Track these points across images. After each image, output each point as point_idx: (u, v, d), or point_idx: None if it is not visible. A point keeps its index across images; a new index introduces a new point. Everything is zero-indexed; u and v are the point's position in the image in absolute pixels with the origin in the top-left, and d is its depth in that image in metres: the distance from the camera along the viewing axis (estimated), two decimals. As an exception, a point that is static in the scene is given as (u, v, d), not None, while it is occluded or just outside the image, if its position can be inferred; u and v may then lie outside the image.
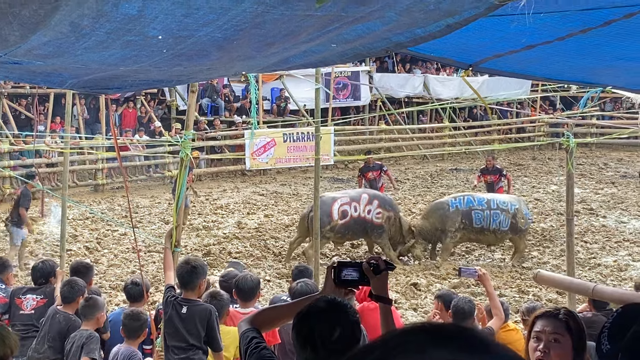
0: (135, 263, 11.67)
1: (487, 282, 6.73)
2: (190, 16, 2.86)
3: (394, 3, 2.99)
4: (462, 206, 15.32)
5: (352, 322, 3.05)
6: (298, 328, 3.07)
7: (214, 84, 27.80)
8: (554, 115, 33.00)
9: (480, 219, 15.15)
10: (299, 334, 3.06)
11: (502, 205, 15.27)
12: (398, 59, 34.19)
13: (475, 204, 15.31)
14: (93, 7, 2.64)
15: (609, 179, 26.34)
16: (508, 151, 32.25)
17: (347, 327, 3.01)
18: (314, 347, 2.99)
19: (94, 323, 6.91)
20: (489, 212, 15.18)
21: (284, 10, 2.88)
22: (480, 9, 3.15)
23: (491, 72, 5.49)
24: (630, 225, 18.82)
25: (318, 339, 2.98)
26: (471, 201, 15.39)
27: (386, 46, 3.87)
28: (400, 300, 12.61)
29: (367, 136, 31.26)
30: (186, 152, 6.71)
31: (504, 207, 15.24)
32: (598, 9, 3.61)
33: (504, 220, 15.17)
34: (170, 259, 6.55)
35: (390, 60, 34.33)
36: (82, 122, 25.15)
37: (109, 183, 23.76)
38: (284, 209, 20.78)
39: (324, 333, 2.98)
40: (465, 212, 15.23)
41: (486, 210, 15.20)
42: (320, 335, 2.98)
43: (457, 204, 15.39)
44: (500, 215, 15.17)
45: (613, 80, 5.79)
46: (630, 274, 14.26)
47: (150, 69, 3.86)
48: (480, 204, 15.30)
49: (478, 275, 6.53)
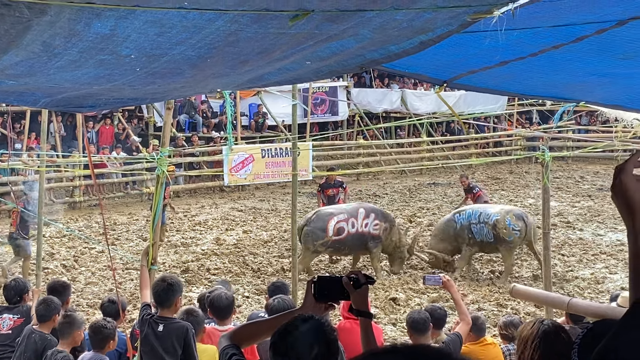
0: (114, 281, 11.62)
1: (452, 289, 6.77)
2: (164, 35, 2.86)
3: (367, 21, 3.00)
4: (464, 221, 15.64)
5: (330, 341, 3.04)
6: (275, 346, 3.05)
7: (191, 100, 27.75)
8: (531, 129, 33.16)
9: (477, 233, 15.42)
10: (276, 353, 3.03)
11: (485, 218, 15.42)
12: (375, 74, 34.30)
13: (472, 217, 15.65)
14: (65, 26, 2.63)
15: (586, 192, 26.50)
16: (485, 165, 32.37)
17: (324, 345, 3.00)
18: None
19: (71, 342, 6.82)
20: (479, 226, 15.37)
21: (258, 28, 2.88)
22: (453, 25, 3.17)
23: (466, 88, 5.52)
24: (606, 237, 18.92)
25: (295, 358, 2.97)
26: (470, 215, 15.72)
27: (360, 63, 3.89)
28: (379, 315, 12.59)
29: (346, 151, 31.27)
30: (162, 169, 6.68)
31: (486, 220, 15.40)
32: (570, 25, 3.64)
33: (488, 233, 15.34)
34: (147, 276, 6.50)
35: (368, 75, 34.43)
36: (59, 140, 25.03)
37: (86, 200, 23.64)
38: (262, 225, 20.73)
39: (301, 351, 2.96)
40: (467, 227, 15.56)
41: (478, 224, 15.42)
42: (297, 353, 2.97)
43: (461, 219, 15.71)
44: (484, 228, 15.35)
45: (586, 96, 5.83)
46: (607, 287, 14.32)
47: (124, 87, 3.84)
48: (475, 217, 15.63)
49: (442, 282, 6.57)
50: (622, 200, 1.92)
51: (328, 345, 3.02)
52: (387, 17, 2.95)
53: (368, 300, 3.42)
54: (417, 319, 6.69)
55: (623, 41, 3.81)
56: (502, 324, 7.83)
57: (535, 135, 33.20)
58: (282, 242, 18.17)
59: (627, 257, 1.96)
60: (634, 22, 3.43)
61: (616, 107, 6.26)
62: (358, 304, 3.35)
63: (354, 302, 3.36)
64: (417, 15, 2.96)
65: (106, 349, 6.60)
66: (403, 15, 2.93)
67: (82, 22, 2.62)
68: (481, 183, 28.79)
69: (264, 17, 2.75)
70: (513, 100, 33.69)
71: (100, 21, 2.62)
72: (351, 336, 7.53)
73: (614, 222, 20.53)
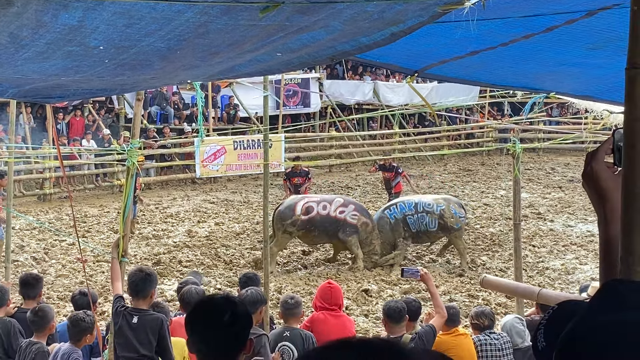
0: (84, 273, 11.56)
1: (429, 282, 6.90)
2: (132, 26, 2.83)
3: (338, 13, 2.99)
4: (398, 215, 15.54)
5: (239, 304, 3.32)
6: (191, 323, 3.26)
7: (163, 92, 27.59)
8: (502, 121, 33.33)
9: (414, 223, 15.41)
10: (194, 329, 3.25)
11: (427, 208, 15.55)
12: (349, 66, 34.31)
13: (407, 209, 15.56)
14: (32, 17, 2.60)
15: (556, 184, 26.70)
16: (457, 157, 32.49)
17: (236, 309, 3.22)
18: (211, 335, 3.19)
19: (46, 333, 6.82)
20: (417, 216, 15.42)
21: (228, 20, 2.87)
22: (424, 17, 3.17)
23: (437, 77, 5.54)
24: (577, 229, 19.09)
25: (211, 327, 3.19)
26: (403, 208, 15.63)
27: (332, 54, 3.88)
28: (351, 307, 12.61)
29: (318, 143, 31.26)
30: (132, 160, 6.64)
31: (428, 209, 15.52)
32: (540, 15, 3.65)
33: (430, 222, 15.48)
34: (118, 269, 6.47)
35: (341, 67, 34.43)
36: (29, 131, 24.80)
37: (57, 192, 23.46)
38: (234, 217, 20.68)
39: (215, 318, 3.19)
40: (402, 220, 15.49)
41: (415, 214, 15.44)
42: (213, 321, 3.19)
43: (394, 214, 15.61)
44: (425, 217, 15.46)
45: (556, 86, 5.86)
46: (577, 277, 14.46)
47: (93, 79, 3.81)
48: (410, 209, 15.57)
49: (420, 275, 6.67)
50: (593, 188, 1.91)
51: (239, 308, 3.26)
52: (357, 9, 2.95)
53: None
54: (393, 308, 6.77)
55: (592, 31, 3.84)
56: (474, 314, 7.89)
57: (506, 127, 33.38)
58: (254, 234, 18.14)
59: (597, 248, 1.97)
60: (603, 13, 3.45)
61: (586, 97, 6.30)
62: None
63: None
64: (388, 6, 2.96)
65: (83, 341, 6.56)
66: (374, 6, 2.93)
67: (50, 14, 2.59)
68: (453, 175, 28.98)
69: (234, 8, 2.73)
70: (484, 91, 33.79)
71: (68, 12, 2.59)
72: (324, 326, 7.57)
73: (585, 213, 20.71)
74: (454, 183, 27.09)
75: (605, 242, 1.88)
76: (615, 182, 1.85)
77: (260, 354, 5.85)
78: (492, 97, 32.10)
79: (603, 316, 1.34)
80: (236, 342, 3.20)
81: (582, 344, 1.33)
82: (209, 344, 3.16)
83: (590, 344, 1.32)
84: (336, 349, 1.10)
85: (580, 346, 1.33)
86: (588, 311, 1.37)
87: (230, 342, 3.19)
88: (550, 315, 1.81)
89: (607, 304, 1.37)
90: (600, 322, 1.33)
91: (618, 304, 1.35)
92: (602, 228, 1.90)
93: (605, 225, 1.89)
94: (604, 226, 1.89)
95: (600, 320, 1.34)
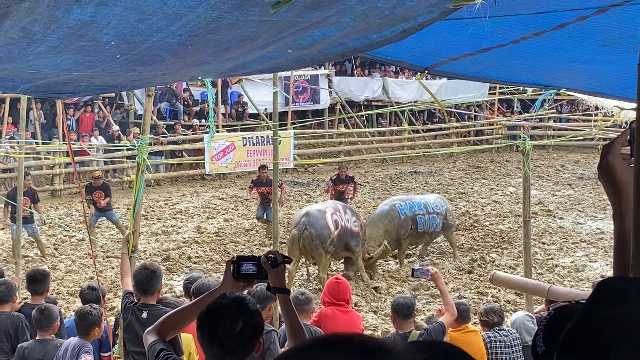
0: (94, 269, 11.60)
1: (439, 281, 6.92)
2: (144, 22, 2.84)
3: (349, 9, 2.99)
4: (408, 212, 15.36)
5: (253, 312, 3.25)
6: (203, 324, 3.24)
7: (173, 88, 27.61)
8: (512, 117, 33.28)
9: (424, 224, 15.39)
10: (204, 333, 3.23)
11: (436, 209, 15.68)
12: (357, 63, 34.28)
13: (416, 208, 15.45)
14: (44, 12, 2.61)
15: (566, 181, 26.64)
16: (467, 154, 32.44)
17: (248, 317, 3.21)
18: (220, 343, 3.18)
19: (50, 333, 6.83)
20: (429, 217, 15.44)
21: (239, 15, 2.87)
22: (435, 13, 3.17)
23: (447, 75, 5.55)
24: (587, 226, 19.04)
25: (223, 334, 3.17)
26: (413, 206, 15.49)
27: (342, 51, 3.88)
28: (360, 303, 12.62)
29: (327, 139, 31.28)
30: (143, 156, 6.66)
31: (438, 210, 15.68)
32: (552, 12, 3.65)
33: (439, 223, 15.66)
34: (128, 264, 6.49)
35: (350, 63, 34.42)
36: (39, 127, 24.88)
37: (67, 188, 23.52)
38: (244, 213, 20.71)
39: (227, 326, 3.17)
40: (412, 218, 15.28)
41: (426, 214, 15.47)
42: (224, 329, 3.17)
43: (405, 210, 15.36)
44: (436, 218, 15.59)
45: (567, 83, 5.85)
46: (587, 275, 14.43)
47: (104, 74, 3.82)
48: (420, 208, 15.48)
49: (430, 274, 6.69)
50: (608, 180, 1.90)
51: (252, 317, 3.23)
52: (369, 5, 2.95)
53: (284, 279, 3.59)
54: (402, 304, 6.79)
55: (604, 28, 3.83)
56: (483, 311, 7.88)
57: (516, 124, 33.33)
58: (263, 231, 18.16)
59: (607, 245, 1.97)
60: (615, 10, 3.44)
61: (596, 94, 6.30)
62: (275, 282, 3.50)
63: (272, 280, 3.50)
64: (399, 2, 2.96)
65: (91, 335, 6.57)
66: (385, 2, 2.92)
67: (62, 9, 2.60)
68: (462, 172, 28.95)
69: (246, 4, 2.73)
70: (494, 88, 33.76)
71: (80, 7, 2.60)
72: (332, 321, 7.58)
73: (594, 210, 20.67)
74: (463, 180, 27.07)
75: (619, 235, 1.87)
76: (631, 175, 1.84)
77: (270, 350, 5.86)
78: (502, 94, 32.05)
79: (601, 312, 1.34)
80: (244, 349, 3.24)
81: (583, 342, 1.33)
82: (219, 348, 3.20)
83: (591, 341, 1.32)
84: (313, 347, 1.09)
85: (582, 344, 1.33)
86: (586, 309, 1.37)
87: (240, 348, 3.22)
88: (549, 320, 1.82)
89: (604, 300, 1.37)
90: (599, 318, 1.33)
91: (615, 299, 1.35)
92: (618, 221, 1.89)
93: (621, 218, 1.88)
94: (619, 219, 1.88)
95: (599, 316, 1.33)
